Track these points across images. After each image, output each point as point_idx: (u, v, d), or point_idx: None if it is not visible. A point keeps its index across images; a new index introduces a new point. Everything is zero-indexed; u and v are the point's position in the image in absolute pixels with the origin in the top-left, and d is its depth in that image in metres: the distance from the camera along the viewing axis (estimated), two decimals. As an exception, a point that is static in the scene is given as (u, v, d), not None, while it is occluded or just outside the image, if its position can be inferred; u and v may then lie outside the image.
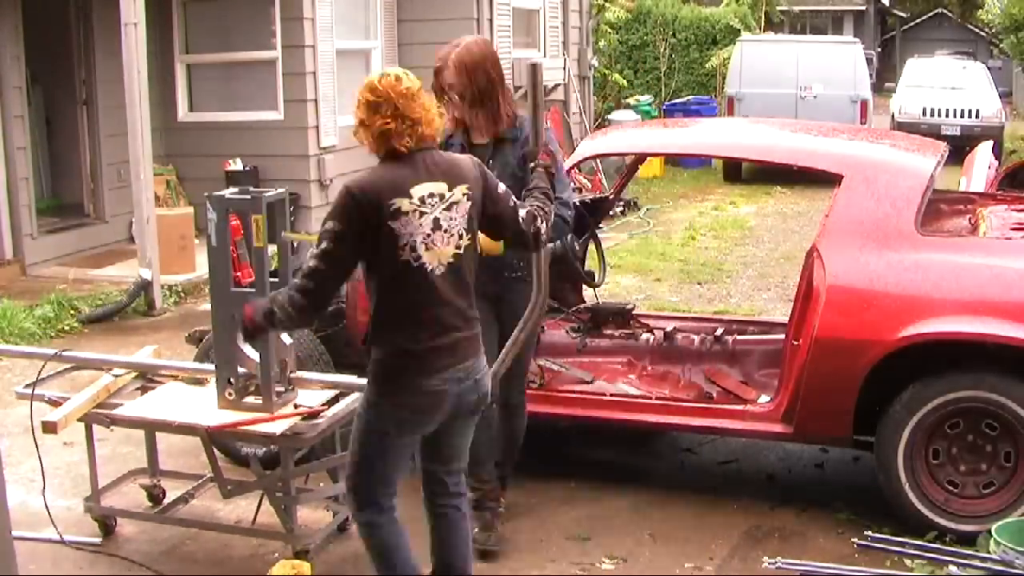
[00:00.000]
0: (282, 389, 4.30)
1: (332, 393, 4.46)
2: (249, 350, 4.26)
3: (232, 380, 4.28)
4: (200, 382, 4.63)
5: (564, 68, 14.38)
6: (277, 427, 4.15)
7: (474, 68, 4.28)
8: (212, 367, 4.52)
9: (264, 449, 4.80)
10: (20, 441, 5.65)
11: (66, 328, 7.91)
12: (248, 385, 4.29)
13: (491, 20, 12.22)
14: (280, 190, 4.30)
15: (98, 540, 4.55)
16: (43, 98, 10.51)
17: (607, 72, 18.45)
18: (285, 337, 4.31)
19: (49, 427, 4.28)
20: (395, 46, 11.82)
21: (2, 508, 3.47)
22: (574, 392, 5.33)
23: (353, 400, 4.48)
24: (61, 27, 10.27)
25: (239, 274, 4.26)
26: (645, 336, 5.86)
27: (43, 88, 10.44)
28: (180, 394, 4.53)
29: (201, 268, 8.54)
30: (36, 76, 10.07)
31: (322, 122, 10.42)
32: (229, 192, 4.30)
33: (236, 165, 10.32)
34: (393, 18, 11.80)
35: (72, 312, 8.09)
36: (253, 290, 4.21)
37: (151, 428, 4.53)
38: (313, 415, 4.26)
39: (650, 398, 5.21)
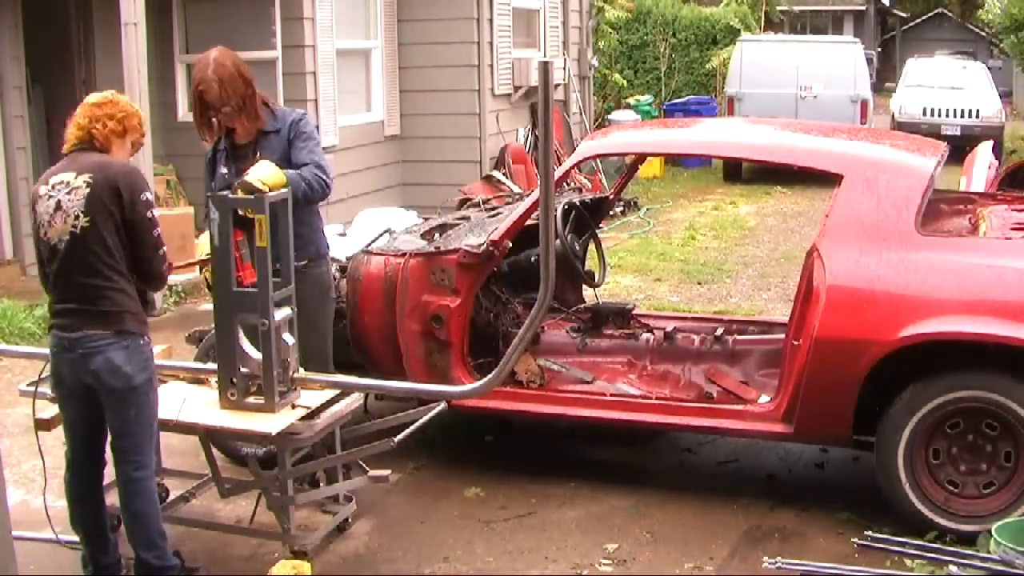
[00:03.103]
0: (284, 389, 4.30)
1: (332, 393, 4.46)
2: (251, 350, 4.27)
3: (234, 380, 4.29)
4: (201, 381, 4.63)
5: (564, 68, 14.38)
6: (274, 427, 4.16)
7: (232, 81, 4.57)
8: (213, 367, 4.53)
9: (264, 449, 4.80)
10: (20, 441, 5.66)
11: (66, 328, 7.90)
12: (250, 385, 4.30)
13: (491, 20, 12.21)
14: (283, 190, 4.30)
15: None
16: (43, 98, 10.50)
17: (607, 72, 18.44)
18: (287, 337, 4.32)
19: (43, 424, 4.29)
20: (395, 46, 11.81)
21: (2, 508, 3.48)
22: (574, 392, 5.33)
23: (353, 400, 4.50)
24: (61, 27, 10.27)
25: (241, 274, 4.26)
26: (645, 336, 5.86)
27: (43, 88, 10.44)
28: (182, 393, 4.53)
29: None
30: (36, 76, 10.07)
31: (322, 122, 10.40)
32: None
33: (236, 165, 10.31)
34: (393, 18, 11.79)
35: (72, 312, 8.08)
36: (255, 290, 4.22)
37: (151, 428, 4.52)
38: (311, 415, 4.26)
39: (650, 398, 5.22)
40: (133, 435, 3.90)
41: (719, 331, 5.85)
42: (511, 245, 5.23)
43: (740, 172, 16.20)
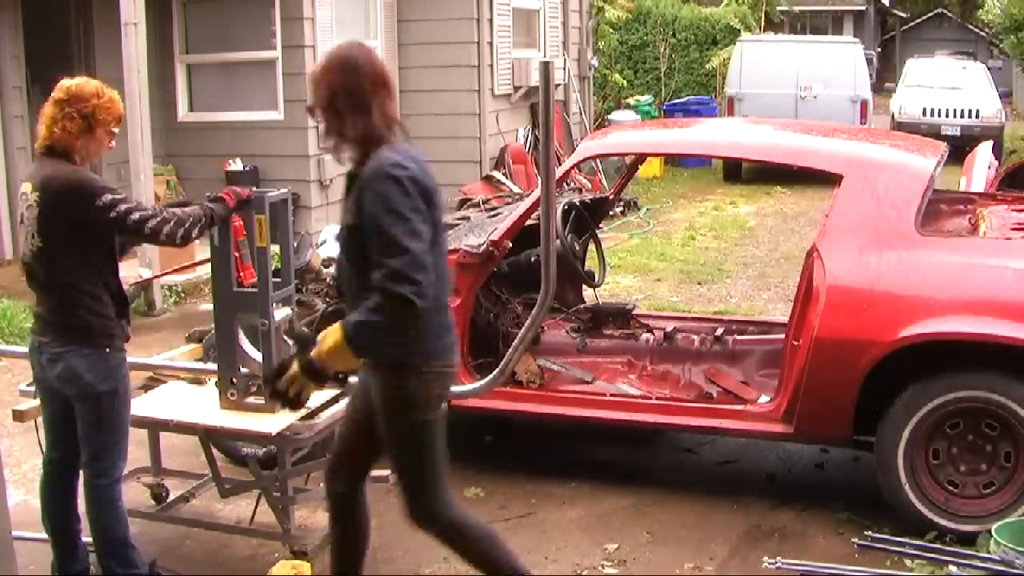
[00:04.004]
0: (283, 389, 4.29)
1: (333, 393, 4.45)
2: (251, 350, 4.27)
3: (234, 380, 4.29)
4: (201, 382, 4.63)
5: (564, 68, 14.39)
6: (274, 427, 4.15)
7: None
8: (213, 367, 4.53)
9: (263, 449, 4.80)
10: (20, 441, 5.66)
11: (66, 328, 7.90)
12: (250, 385, 4.30)
13: (491, 20, 12.22)
14: (283, 190, 4.31)
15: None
16: (43, 98, 10.46)
17: (607, 72, 18.45)
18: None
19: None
20: (395, 46, 11.82)
21: (2, 508, 3.48)
22: (574, 392, 5.33)
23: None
24: (61, 27, 10.27)
25: (241, 275, 4.26)
26: (645, 336, 5.86)
27: (43, 88, 10.40)
28: (182, 393, 4.54)
29: (201, 268, 8.53)
30: (36, 76, 10.06)
31: (322, 122, 10.42)
32: (232, 192, 4.30)
33: (236, 165, 10.32)
34: (393, 18, 11.80)
35: (72, 312, 8.08)
36: (255, 290, 4.22)
37: (150, 427, 4.53)
38: (311, 415, 4.27)
39: (650, 398, 5.22)
40: (94, 442, 3.86)
41: (719, 331, 5.85)
42: (511, 245, 5.23)
43: (740, 172, 16.20)
